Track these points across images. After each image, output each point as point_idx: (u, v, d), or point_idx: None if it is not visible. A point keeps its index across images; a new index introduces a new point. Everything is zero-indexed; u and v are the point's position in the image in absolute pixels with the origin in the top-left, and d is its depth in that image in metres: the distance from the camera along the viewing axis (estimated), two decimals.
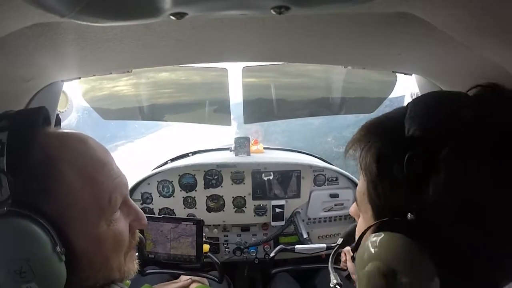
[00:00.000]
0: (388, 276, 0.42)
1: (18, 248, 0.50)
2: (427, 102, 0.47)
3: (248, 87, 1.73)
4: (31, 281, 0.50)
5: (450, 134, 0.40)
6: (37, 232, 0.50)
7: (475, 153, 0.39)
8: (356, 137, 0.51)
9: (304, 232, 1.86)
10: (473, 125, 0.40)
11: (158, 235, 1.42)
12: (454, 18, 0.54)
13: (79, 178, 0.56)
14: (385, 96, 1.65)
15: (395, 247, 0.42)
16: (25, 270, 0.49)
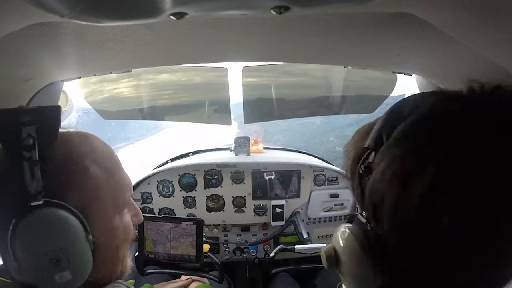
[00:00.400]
0: (329, 256, 0.53)
1: (57, 238, 0.53)
2: (393, 107, 0.49)
3: (248, 87, 1.73)
4: (65, 270, 0.53)
5: (389, 130, 0.44)
6: (74, 222, 0.54)
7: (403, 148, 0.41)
8: (349, 141, 0.56)
9: (304, 232, 1.87)
10: (409, 120, 0.42)
11: (158, 235, 1.42)
12: (454, 18, 0.54)
13: (102, 173, 0.60)
14: (385, 96, 1.65)
15: (341, 235, 0.52)
16: (61, 259, 0.52)
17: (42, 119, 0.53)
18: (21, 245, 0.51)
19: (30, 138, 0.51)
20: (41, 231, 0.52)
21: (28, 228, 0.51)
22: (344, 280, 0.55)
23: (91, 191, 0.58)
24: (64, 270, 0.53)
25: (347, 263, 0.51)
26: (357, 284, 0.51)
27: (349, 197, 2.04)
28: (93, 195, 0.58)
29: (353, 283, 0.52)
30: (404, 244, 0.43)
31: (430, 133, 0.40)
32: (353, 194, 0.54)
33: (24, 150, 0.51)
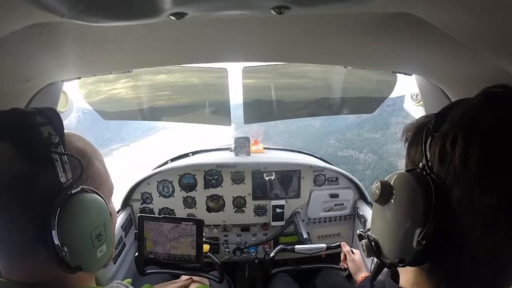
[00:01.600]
0: (384, 188, 0.58)
1: (99, 216, 0.63)
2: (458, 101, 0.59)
3: (248, 88, 1.73)
4: (103, 243, 0.63)
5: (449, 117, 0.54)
6: (104, 202, 0.65)
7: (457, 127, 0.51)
8: (411, 122, 0.65)
9: (304, 232, 1.87)
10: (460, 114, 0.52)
11: (158, 235, 1.42)
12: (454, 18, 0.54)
13: (100, 164, 0.71)
14: (385, 96, 1.65)
15: (398, 177, 0.58)
16: (102, 234, 0.62)
17: (51, 119, 0.60)
18: (70, 228, 0.57)
19: (55, 136, 0.58)
20: (87, 212, 0.60)
21: (75, 211, 0.58)
22: (381, 220, 0.58)
23: (97, 178, 0.68)
24: (103, 244, 0.62)
25: (401, 201, 0.55)
26: (399, 227, 0.54)
27: (349, 197, 2.04)
28: (98, 183, 0.68)
29: (393, 225, 0.56)
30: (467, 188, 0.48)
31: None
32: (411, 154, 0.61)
33: (52, 146, 0.57)
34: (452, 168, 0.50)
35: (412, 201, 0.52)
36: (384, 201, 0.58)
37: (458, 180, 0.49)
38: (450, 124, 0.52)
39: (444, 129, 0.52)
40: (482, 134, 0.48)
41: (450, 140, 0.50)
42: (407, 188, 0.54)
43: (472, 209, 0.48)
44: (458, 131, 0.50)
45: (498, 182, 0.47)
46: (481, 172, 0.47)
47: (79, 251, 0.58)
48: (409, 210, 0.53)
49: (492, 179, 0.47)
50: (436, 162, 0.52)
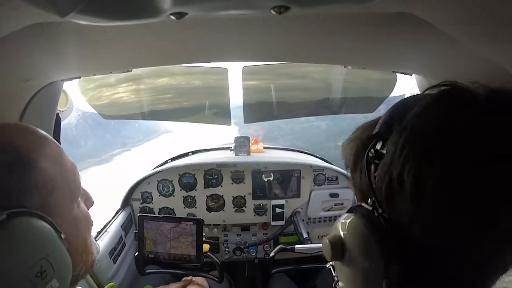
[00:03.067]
0: (335, 245, 0.50)
1: (36, 248, 0.47)
2: (397, 103, 0.51)
3: (248, 88, 1.73)
4: (52, 279, 0.48)
5: (394, 129, 0.45)
6: (44, 226, 0.49)
7: (405, 146, 0.42)
8: (348, 138, 0.57)
9: (304, 232, 1.87)
10: (410, 121, 0.43)
11: (158, 234, 1.42)
12: (454, 18, 0.54)
13: (50, 164, 0.54)
14: (385, 96, 1.65)
15: (345, 224, 0.50)
16: (45, 269, 0.47)
17: None
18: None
19: None
20: (16, 247, 0.45)
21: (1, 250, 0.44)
22: (345, 274, 0.52)
23: (45, 186, 0.52)
24: (51, 280, 0.48)
25: (355, 252, 0.48)
26: (363, 277, 0.48)
27: (349, 196, 2.04)
28: (48, 189, 0.53)
29: (357, 276, 0.49)
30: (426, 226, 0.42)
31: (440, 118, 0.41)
32: (357, 183, 0.53)
33: None
34: (404, 208, 0.43)
35: (368, 252, 0.46)
36: (339, 257, 0.51)
37: (413, 220, 0.42)
38: (392, 152, 0.43)
39: (388, 159, 0.44)
40: (433, 165, 0.40)
41: (396, 176, 0.42)
42: (359, 240, 0.47)
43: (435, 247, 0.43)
44: (403, 162, 0.41)
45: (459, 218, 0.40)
46: (438, 210, 0.40)
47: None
48: (368, 262, 0.46)
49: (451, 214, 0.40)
50: (385, 201, 0.45)
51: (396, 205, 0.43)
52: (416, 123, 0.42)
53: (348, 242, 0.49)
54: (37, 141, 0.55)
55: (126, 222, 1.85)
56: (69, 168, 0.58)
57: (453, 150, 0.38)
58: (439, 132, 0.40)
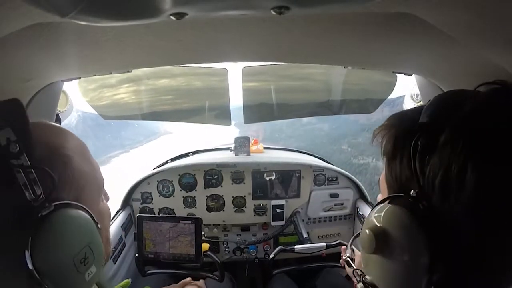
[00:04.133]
0: (378, 237, 0.47)
1: (81, 237, 0.52)
2: (442, 96, 0.51)
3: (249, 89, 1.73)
4: (91, 265, 0.53)
5: (449, 123, 0.44)
6: (86, 216, 0.54)
7: (467, 143, 0.41)
8: (382, 125, 0.56)
9: (304, 232, 1.87)
10: (469, 118, 0.42)
11: (157, 234, 1.42)
12: (454, 18, 0.54)
13: (82, 161, 0.58)
14: (385, 97, 1.65)
15: (390, 215, 0.48)
16: (88, 256, 0.52)
17: (9, 117, 0.48)
18: (48, 258, 0.47)
19: (14, 144, 0.46)
20: (64, 236, 0.50)
21: (50, 238, 0.48)
22: (379, 267, 0.49)
23: (79, 181, 0.56)
24: (91, 266, 0.53)
25: (398, 244, 0.45)
26: (402, 272, 0.46)
27: (349, 196, 2.04)
28: (81, 184, 0.57)
29: (395, 270, 0.47)
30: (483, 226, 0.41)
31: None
32: (393, 172, 0.51)
33: (11, 158, 0.46)
34: (461, 203, 0.41)
35: (414, 245, 0.44)
36: (381, 251, 0.48)
37: (469, 217, 0.41)
38: (451, 140, 0.42)
39: (446, 153, 0.42)
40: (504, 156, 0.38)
41: (455, 168, 0.40)
42: (405, 232, 0.45)
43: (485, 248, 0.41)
44: (468, 152, 0.40)
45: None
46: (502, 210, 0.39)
47: (64, 281, 0.49)
48: (411, 256, 0.45)
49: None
50: (437, 192, 0.43)
51: (450, 199, 0.42)
52: (475, 121, 0.41)
53: (392, 234, 0.47)
54: (70, 139, 0.58)
55: (126, 222, 1.85)
56: (95, 165, 0.63)
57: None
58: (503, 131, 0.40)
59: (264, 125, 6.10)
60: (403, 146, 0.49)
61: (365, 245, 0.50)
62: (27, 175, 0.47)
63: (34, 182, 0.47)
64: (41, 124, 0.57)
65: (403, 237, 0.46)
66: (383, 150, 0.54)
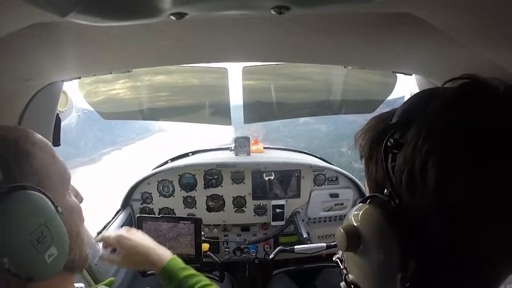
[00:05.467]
0: (350, 235, 0.48)
1: (35, 215, 0.54)
2: (415, 95, 0.51)
3: (248, 88, 1.73)
4: (50, 246, 0.55)
5: (415, 120, 0.44)
6: (41, 197, 0.56)
7: (429, 137, 0.41)
8: (362, 128, 0.57)
9: (304, 232, 1.87)
10: (433, 113, 0.43)
11: (157, 235, 1.42)
12: (454, 18, 0.54)
13: (44, 154, 0.63)
14: (385, 97, 1.65)
15: (362, 214, 0.49)
16: (45, 235, 0.54)
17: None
18: (4, 237, 0.51)
19: None
20: (18, 215, 0.52)
21: (5, 217, 0.51)
22: (357, 266, 0.50)
23: (41, 170, 0.60)
24: (50, 247, 0.54)
25: (371, 242, 0.47)
26: (376, 270, 0.47)
27: (349, 196, 2.04)
28: (43, 174, 0.60)
29: (370, 268, 0.48)
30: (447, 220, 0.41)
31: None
32: (371, 173, 0.52)
33: None
34: (425, 200, 0.42)
35: (385, 243, 0.45)
36: (354, 248, 0.49)
37: (435, 213, 0.42)
38: (415, 137, 0.43)
39: (409, 150, 0.43)
40: (462, 155, 0.39)
41: (418, 165, 0.41)
42: (376, 230, 0.46)
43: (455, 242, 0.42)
44: (430, 145, 0.41)
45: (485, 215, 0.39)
46: (462, 205, 0.40)
47: (23, 260, 0.52)
48: (384, 254, 0.45)
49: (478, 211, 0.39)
50: (404, 190, 0.44)
51: (416, 196, 0.43)
52: (439, 117, 0.42)
53: (363, 232, 0.48)
54: (32, 136, 0.63)
55: (126, 222, 1.85)
56: (60, 160, 0.66)
57: (478, 147, 0.39)
58: (464, 127, 0.40)
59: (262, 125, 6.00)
60: (377, 147, 0.50)
61: (338, 243, 0.51)
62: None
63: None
64: (9, 126, 0.65)
65: (373, 235, 0.47)
66: (361, 152, 0.55)
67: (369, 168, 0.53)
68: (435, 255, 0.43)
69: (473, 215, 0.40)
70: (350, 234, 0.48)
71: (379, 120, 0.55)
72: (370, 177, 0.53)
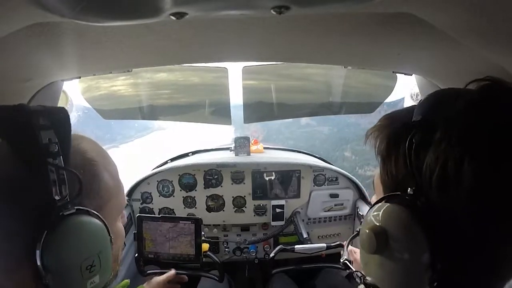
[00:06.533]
0: (379, 236, 0.47)
1: (94, 244, 0.54)
2: (434, 94, 0.50)
3: (249, 88, 1.73)
4: (96, 274, 0.54)
5: (443, 119, 0.44)
6: (102, 226, 0.55)
7: (463, 137, 0.41)
8: (375, 126, 0.56)
9: (304, 232, 1.87)
10: (463, 113, 0.43)
11: (157, 234, 1.42)
12: (454, 18, 0.54)
13: (110, 178, 0.61)
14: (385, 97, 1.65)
15: (389, 214, 0.47)
16: (95, 264, 0.53)
17: (56, 121, 0.51)
18: (58, 255, 0.49)
19: (54, 144, 0.50)
20: (79, 239, 0.52)
21: (65, 237, 0.50)
22: (380, 268, 0.48)
23: (103, 196, 0.59)
24: (95, 275, 0.54)
25: (399, 244, 0.45)
26: (403, 271, 0.45)
27: (349, 197, 2.04)
28: (105, 200, 0.59)
29: (396, 270, 0.46)
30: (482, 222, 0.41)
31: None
32: (389, 171, 0.51)
33: (49, 157, 0.49)
34: (459, 199, 0.41)
35: (415, 243, 0.43)
36: (382, 250, 0.47)
37: (468, 212, 0.41)
38: (446, 135, 0.42)
39: (441, 149, 0.42)
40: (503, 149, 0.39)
41: (452, 164, 0.40)
42: (406, 230, 0.45)
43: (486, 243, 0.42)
44: (464, 146, 0.40)
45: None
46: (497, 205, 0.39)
47: (65, 282, 0.51)
48: (414, 254, 0.44)
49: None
50: (434, 189, 0.43)
51: (448, 195, 0.42)
52: (470, 117, 0.42)
53: (392, 233, 0.46)
54: (104, 156, 0.62)
55: (126, 222, 1.85)
56: (121, 186, 0.66)
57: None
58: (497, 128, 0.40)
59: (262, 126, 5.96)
60: (398, 145, 0.49)
61: (366, 245, 0.49)
62: (58, 175, 0.50)
63: (63, 183, 0.50)
64: (82, 136, 0.62)
65: (403, 236, 0.45)
66: (377, 150, 0.54)
67: (387, 166, 0.52)
68: (465, 254, 0.43)
69: (508, 215, 0.40)
70: (379, 235, 0.47)
71: (393, 118, 0.54)
72: (388, 176, 0.52)
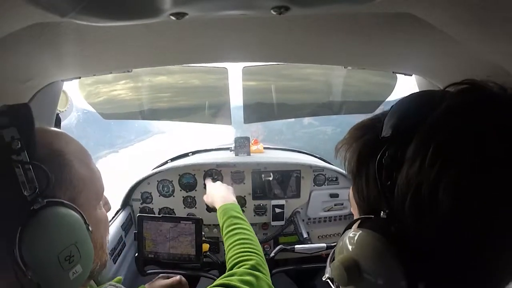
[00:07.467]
0: (350, 269, 0.43)
1: (68, 234, 0.54)
2: (406, 102, 0.45)
3: (249, 90, 1.73)
4: (76, 264, 0.55)
5: (415, 133, 0.39)
6: (76, 216, 0.56)
7: (437, 155, 0.37)
8: (343, 139, 0.51)
9: (304, 232, 1.87)
10: (438, 125, 0.38)
11: (157, 234, 1.42)
12: (454, 18, 0.54)
13: (82, 167, 0.62)
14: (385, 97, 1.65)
15: (360, 243, 0.43)
16: (73, 254, 0.54)
17: (17, 119, 0.52)
18: (34, 250, 0.50)
19: (17, 141, 0.50)
20: (52, 231, 0.52)
21: (38, 231, 0.51)
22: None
23: (76, 185, 0.59)
24: (76, 265, 0.54)
25: (374, 274, 0.42)
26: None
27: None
28: (79, 189, 0.60)
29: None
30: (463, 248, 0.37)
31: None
32: (360, 191, 0.47)
33: (13, 154, 0.50)
34: (435, 224, 0.38)
35: (390, 272, 0.40)
36: (355, 282, 0.43)
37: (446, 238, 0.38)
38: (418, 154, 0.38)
39: (414, 169, 0.38)
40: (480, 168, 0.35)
41: (427, 187, 0.37)
42: (379, 259, 0.41)
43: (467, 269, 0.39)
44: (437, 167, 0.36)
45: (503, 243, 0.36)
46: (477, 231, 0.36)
47: (47, 275, 0.52)
48: (389, 284, 0.41)
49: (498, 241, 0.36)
50: (408, 214, 0.39)
51: (423, 220, 0.38)
52: (446, 131, 0.37)
53: (364, 263, 0.42)
54: (71, 144, 0.62)
55: (126, 222, 1.85)
56: (96, 173, 0.66)
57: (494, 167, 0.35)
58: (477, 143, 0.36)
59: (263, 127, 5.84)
60: (367, 163, 0.45)
61: (337, 278, 0.46)
62: (25, 171, 0.51)
63: (31, 178, 0.51)
64: (45, 129, 0.62)
65: (376, 267, 0.42)
66: (347, 167, 0.50)
67: (358, 185, 0.48)
68: (444, 280, 0.40)
69: (489, 241, 0.37)
70: (349, 268, 0.43)
71: (364, 128, 0.49)
72: (360, 196, 0.48)
